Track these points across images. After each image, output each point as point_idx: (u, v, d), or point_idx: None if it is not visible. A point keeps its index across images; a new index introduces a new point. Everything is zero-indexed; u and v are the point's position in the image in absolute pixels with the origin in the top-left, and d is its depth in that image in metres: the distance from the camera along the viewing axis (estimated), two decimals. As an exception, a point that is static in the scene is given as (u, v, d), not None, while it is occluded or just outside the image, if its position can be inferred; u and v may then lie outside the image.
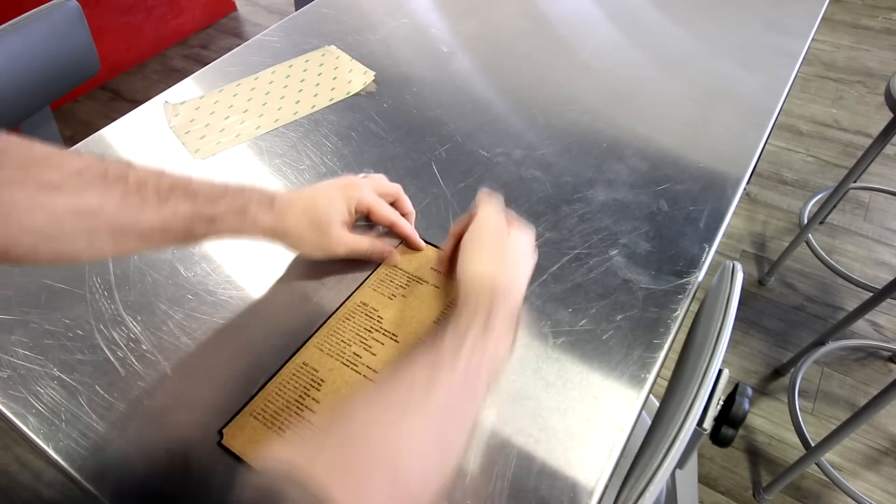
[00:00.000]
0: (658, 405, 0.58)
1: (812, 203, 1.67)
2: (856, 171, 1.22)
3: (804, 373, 1.30)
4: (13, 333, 0.52)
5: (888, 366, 1.34)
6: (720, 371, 0.44)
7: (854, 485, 1.14)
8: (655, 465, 0.39)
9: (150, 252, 0.58)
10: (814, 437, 1.12)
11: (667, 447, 0.39)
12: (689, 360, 0.50)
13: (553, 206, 0.62)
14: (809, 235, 1.52)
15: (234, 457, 0.43)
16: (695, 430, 0.41)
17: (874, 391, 1.06)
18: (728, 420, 0.46)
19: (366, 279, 0.55)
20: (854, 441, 1.22)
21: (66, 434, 0.45)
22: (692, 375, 0.43)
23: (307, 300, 0.54)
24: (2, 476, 1.23)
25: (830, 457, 1.19)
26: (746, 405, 0.46)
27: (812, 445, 1.03)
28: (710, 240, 0.58)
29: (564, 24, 0.90)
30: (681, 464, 0.43)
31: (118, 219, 0.39)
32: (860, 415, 0.92)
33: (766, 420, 1.27)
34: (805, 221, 1.57)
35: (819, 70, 2.19)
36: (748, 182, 0.67)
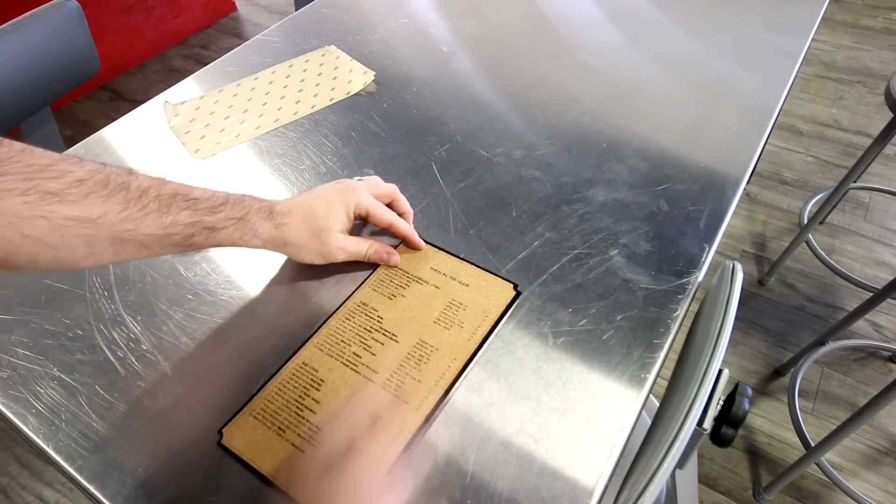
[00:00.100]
0: (658, 405, 0.58)
1: (812, 203, 1.67)
2: (856, 171, 1.22)
3: (804, 373, 1.30)
4: (13, 333, 0.52)
5: (888, 366, 1.34)
6: (720, 371, 0.44)
7: (854, 485, 1.14)
8: (655, 465, 0.39)
9: (152, 258, 0.58)
10: (814, 437, 1.12)
11: (667, 447, 0.39)
12: (689, 360, 0.50)
13: (553, 206, 0.62)
14: (809, 235, 1.52)
15: (234, 457, 0.43)
16: (695, 430, 0.41)
17: (874, 391, 1.06)
18: (728, 420, 0.46)
19: (366, 279, 0.55)
20: (854, 441, 1.22)
21: (66, 434, 0.45)
22: (692, 375, 0.43)
23: (307, 300, 0.54)
24: (2, 476, 1.23)
25: (830, 457, 1.19)
26: (746, 405, 0.46)
27: (812, 445, 1.03)
28: (710, 240, 0.58)
29: (564, 24, 0.90)
30: (681, 464, 0.43)
31: (118, 228, 0.40)
32: (860, 415, 0.92)
33: (766, 420, 1.27)
34: (805, 221, 1.57)
35: (819, 70, 2.19)
36: (748, 182, 0.67)
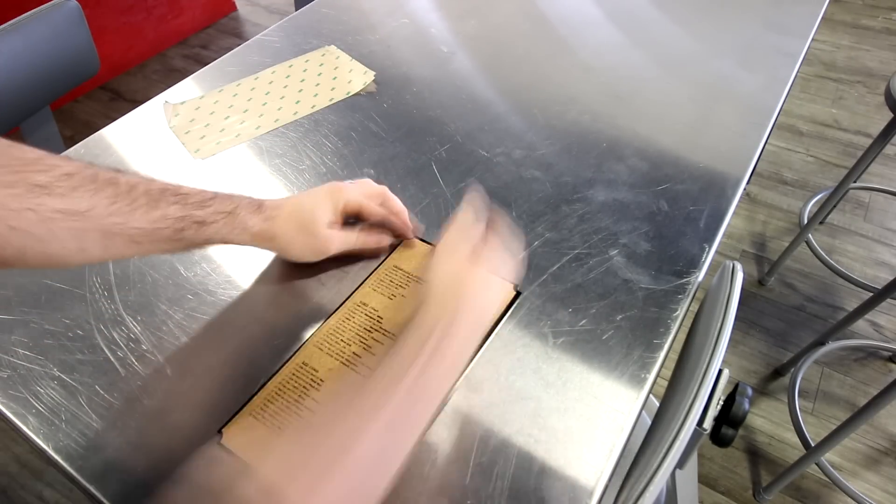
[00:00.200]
0: (658, 405, 0.58)
1: (812, 203, 1.67)
2: (856, 171, 1.22)
3: (804, 373, 1.30)
4: (13, 333, 0.52)
5: (888, 366, 1.34)
6: (720, 371, 0.44)
7: (854, 485, 1.14)
8: (655, 465, 0.39)
9: (142, 257, 0.58)
10: (814, 437, 1.12)
11: (667, 447, 0.39)
12: (689, 360, 0.50)
13: (553, 206, 0.62)
14: (809, 235, 1.52)
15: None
16: (695, 430, 0.41)
17: (874, 391, 1.06)
18: (728, 420, 0.46)
19: (366, 279, 0.55)
20: (854, 441, 1.22)
21: (66, 434, 0.45)
22: (692, 375, 0.43)
23: (307, 300, 0.54)
24: (2, 476, 1.23)
25: (830, 457, 1.19)
26: (746, 405, 0.46)
27: (812, 445, 1.03)
28: (710, 240, 0.58)
29: (564, 24, 0.90)
30: (681, 464, 0.43)
31: (107, 221, 0.39)
32: (860, 415, 0.92)
33: (766, 420, 1.27)
34: (805, 221, 1.57)
35: (819, 70, 2.19)
36: (748, 182, 0.67)
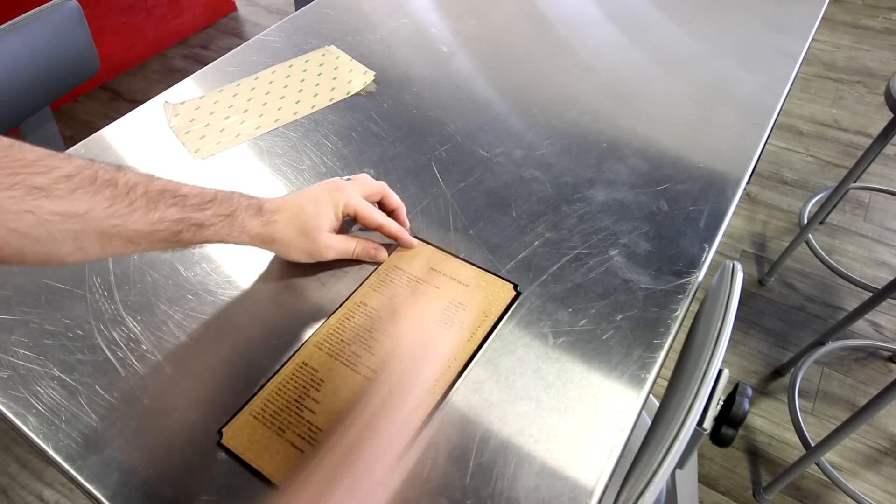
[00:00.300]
0: (658, 405, 0.58)
1: (812, 203, 1.67)
2: (856, 171, 1.22)
3: (804, 373, 1.30)
4: (13, 333, 0.52)
5: (888, 366, 1.34)
6: (720, 371, 0.44)
7: (854, 485, 1.14)
8: (655, 465, 0.39)
9: (141, 255, 0.58)
10: (814, 437, 1.12)
11: (667, 447, 0.39)
12: (689, 360, 0.50)
13: (553, 206, 0.62)
14: (809, 235, 1.52)
15: (234, 457, 0.43)
16: (695, 430, 0.41)
17: (874, 391, 1.06)
18: (728, 420, 0.46)
19: (366, 279, 0.55)
20: (854, 441, 1.22)
21: (66, 434, 0.45)
22: (692, 375, 0.43)
23: (307, 300, 0.54)
24: (2, 476, 1.23)
25: (830, 457, 1.19)
26: (746, 405, 0.46)
27: (812, 445, 1.03)
28: (710, 240, 0.58)
29: (564, 24, 0.90)
30: (681, 464, 0.43)
31: (105, 223, 0.39)
32: (860, 415, 0.92)
33: (766, 420, 1.27)
34: (805, 221, 1.57)
35: (819, 70, 2.19)
36: (748, 182, 0.67)
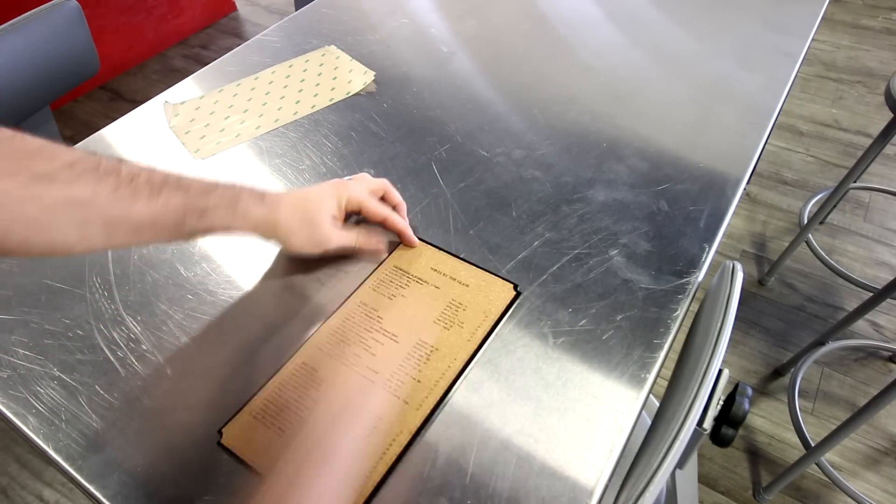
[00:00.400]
0: (658, 405, 0.58)
1: (812, 203, 1.67)
2: (856, 171, 1.22)
3: (804, 373, 1.30)
4: (13, 333, 0.52)
5: (888, 366, 1.34)
6: (720, 371, 0.44)
7: (854, 485, 1.14)
8: (655, 465, 0.39)
9: (144, 246, 0.58)
10: (814, 437, 1.12)
11: (667, 447, 0.39)
12: (689, 360, 0.50)
13: (553, 206, 0.62)
14: (809, 235, 1.52)
15: (234, 457, 0.43)
16: (695, 430, 0.41)
17: (874, 391, 1.06)
18: (728, 420, 0.46)
19: (366, 279, 0.55)
20: (854, 441, 1.22)
21: (66, 434, 0.45)
22: (692, 375, 0.43)
23: (307, 300, 0.54)
24: (2, 476, 1.23)
25: (830, 457, 1.19)
26: (746, 405, 0.46)
27: (812, 445, 1.03)
28: (710, 240, 0.58)
29: (564, 24, 0.90)
30: (681, 464, 0.43)
31: (109, 210, 0.39)
32: (860, 415, 0.92)
33: (766, 420, 1.27)
34: (805, 221, 1.57)
35: (819, 70, 2.19)
36: (748, 182, 0.67)
